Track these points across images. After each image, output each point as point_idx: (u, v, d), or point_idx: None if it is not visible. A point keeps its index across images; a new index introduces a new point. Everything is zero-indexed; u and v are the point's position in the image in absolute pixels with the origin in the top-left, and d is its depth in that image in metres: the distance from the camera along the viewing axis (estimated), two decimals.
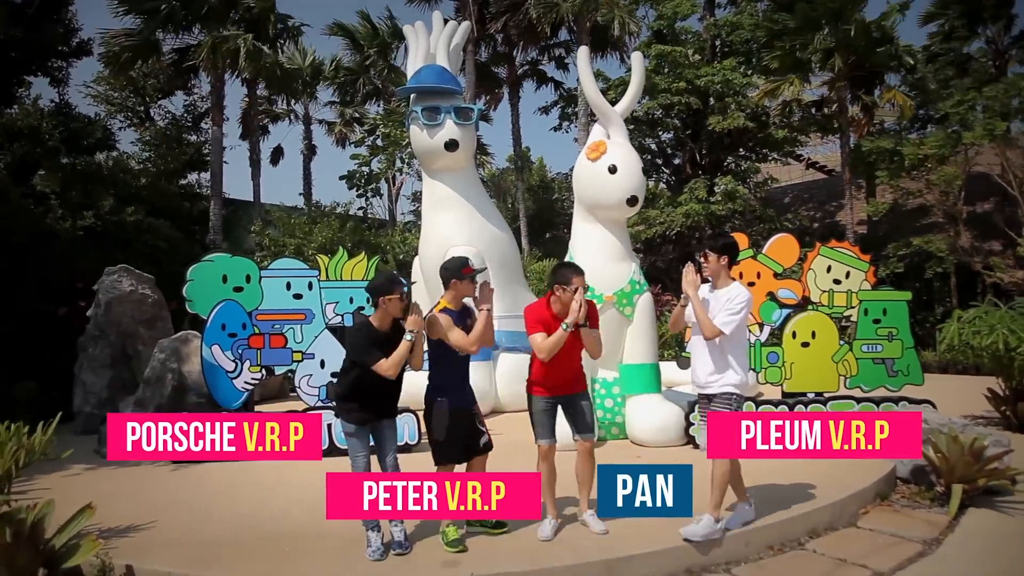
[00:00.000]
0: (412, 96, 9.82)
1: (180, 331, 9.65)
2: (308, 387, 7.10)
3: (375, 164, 19.80)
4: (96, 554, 4.02)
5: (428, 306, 9.91)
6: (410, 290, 4.60)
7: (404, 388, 4.63)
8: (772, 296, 7.61)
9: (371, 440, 4.53)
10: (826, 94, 19.89)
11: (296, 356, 7.07)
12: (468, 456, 4.60)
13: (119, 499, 5.61)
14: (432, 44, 10.06)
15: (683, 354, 8.97)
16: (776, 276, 7.67)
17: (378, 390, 4.43)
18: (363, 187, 20.22)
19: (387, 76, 22.68)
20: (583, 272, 4.63)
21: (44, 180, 14.07)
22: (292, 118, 26.14)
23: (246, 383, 7.04)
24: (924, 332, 15.90)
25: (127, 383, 9.53)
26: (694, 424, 6.82)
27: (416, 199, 23.73)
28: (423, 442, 7.02)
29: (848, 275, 7.66)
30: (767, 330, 7.60)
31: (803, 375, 7.37)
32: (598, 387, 7.39)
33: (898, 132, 20.25)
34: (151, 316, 9.90)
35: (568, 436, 4.79)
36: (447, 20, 10.56)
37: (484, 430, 4.64)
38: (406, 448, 7.03)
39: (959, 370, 13.43)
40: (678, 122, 20.42)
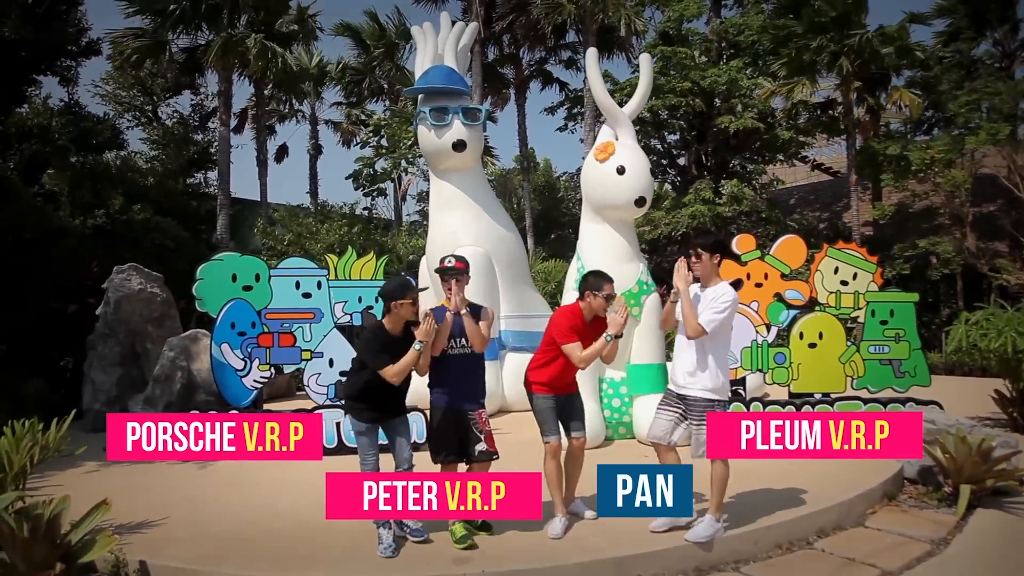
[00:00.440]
0: (420, 96, 9.86)
1: (188, 330, 9.72)
2: (317, 386, 7.14)
3: (381, 164, 19.82)
4: (110, 550, 4.06)
5: (433, 304, 9.97)
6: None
7: (412, 387, 4.67)
8: (779, 297, 7.61)
9: (380, 438, 4.57)
10: (831, 95, 19.86)
11: (305, 355, 7.11)
12: (462, 457, 4.57)
13: (131, 495, 5.65)
14: (440, 45, 10.10)
15: None
16: (783, 277, 7.67)
17: (387, 390, 4.47)
18: (368, 187, 20.25)
19: (394, 76, 22.70)
20: (612, 280, 4.72)
21: (53, 179, 14.15)
22: (299, 118, 26.21)
23: (255, 381, 7.09)
24: (930, 334, 15.86)
25: (136, 381, 9.59)
26: None
27: (422, 199, 23.74)
28: None
29: (855, 276, 7.67)
30: (774, 331, 7.61)
31: (810, 376, 7.39)
32: (605, 387, 7.42)
33: (904, 134, 20.21)
34: (160, 315, 9.96)
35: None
36: (455, 21, 10.61)
37: (481, 437, 4.49)
38: (414, 447, 7.05)
39: (965, 372, 13.39)
40: (684, 123, 20.40)
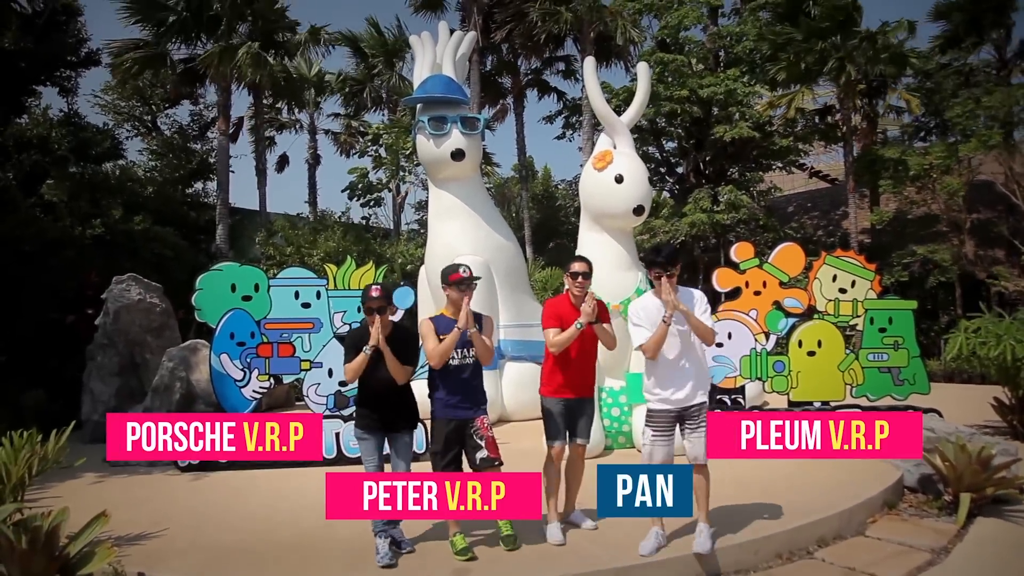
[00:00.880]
0: (419, 106, 9.88)
1: (187, 340, 9.71)
2: (316, 396, 7.14)
3: (378, 174, 19.87)
4: (109, 562, 4.04)
5: (432, 313, 9.94)
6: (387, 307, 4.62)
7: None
8: (778, 305, 7.62)
9: (385, 449, 4.58)
10: (828, 102, 19.94)
11: (304, 365, 7.11)
12: (462, 466, 4.52)
13: (130, 506, 5.63)
14: (438, 54, 10.12)
15: None
16: (782, 285, 7.69)
17: (384, 398, 4.46)
18: (365, 198, 20.29)
19: (393, 85, 22.74)
20: (584, 259, 4.78)
21: (53, 189, 14.17)
22: (297, 128, 26.23)
23: (254, 392, 7.09)
24: (929, 341, 15.86)
25: (135, 391, 9.57)
26: None
27: (421, 208, 23.77)
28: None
29: (854, 284, 7.68)
30: (773, 339, 7.61)
31: (809, 384, 7.39)
32: (605, 396, 7.41)
33: (902, 140, 20.26)
34: (159, 325, 9.95)
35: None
36: (453, 30, 10.64)
37: (482, 445, 4.41)
38: (414, 458, 7.04)
39: (965, 379, 13.40)
40: (682, 131, 20.46)
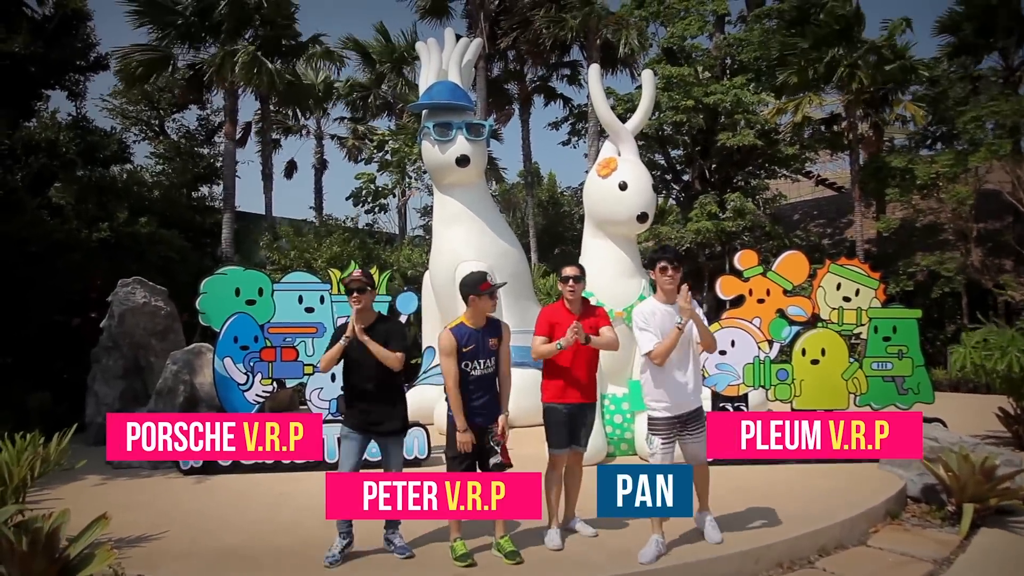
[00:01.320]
0: (424, 112, 9.91)
1: (191, 343, 9.73)
2: (319, 400, 7.15)
3: (384, 179, 19.93)
4: (109, 564, 4.05)
5: (436, 319, 9.96)
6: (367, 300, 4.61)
7: (412, 402, 4.64)
8: (782, 313, 7.60)
9: (366, 453, 4.60)
10: (836, 110, 19.91)
11: (307, 369, 7.12)
12: (475, 470, 4.50)
13: (131, 509, 5.64)
14: (444, 60, 10.16)
15: None
16: (786, 293, 7.66)
17: (370, 395, 4.45)
18: (370, 204, 20.34)
19: (400, 91, 22.82)
20: (576, 264, 4.83)
21: (60, 192, 14.25)
22: (304, 133, 26.33)
23: (257, 395, 7.10)
24: (935, 350, 15.80)
25: (139, 394, 9.60)
26: None
27: (426, 214, 23.80)
28: (433, 456, 7.04)
29: (858, 292, 7.66)
30: (777, 347, 7.59)
31: (813, 392, 7.36)
32: (607, 403, 7.41)
33: (908, 149, 20.23)
34: (164, 328, 9.98)
35: None
36: (459, 37, 10.68)
37: (497, 451, 4.40)
38: (415, 462, 7.05)
39: (970, 389, 13.34)
40: (688, 139, 20.47)
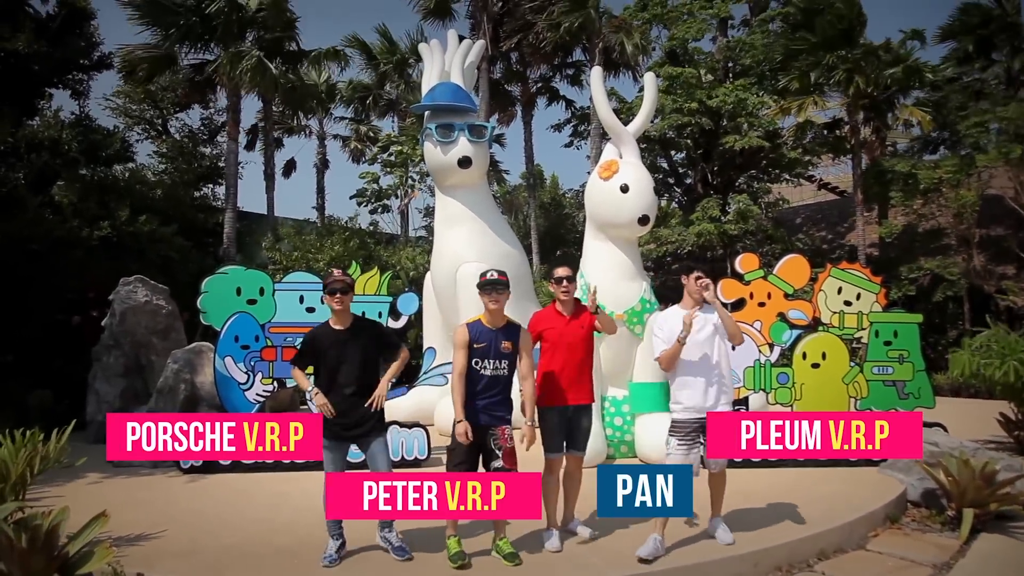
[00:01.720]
0: (426, 113, 9.91)
1: (192, 342, 9.74)
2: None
3: (388, 180, 19.94)
4: (108, 562, 4.05)
5: (437, 320, 9.93)
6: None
7: (413, 403, 4.63)
8: (783, 317, 7.60)
9: (348, 457, 4.63)
10: (839, 114, 19.91)
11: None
12: (476, 470, 4.48)
13: (130, 507, 5.66)
14: (447, 62, 10.16)
15: None
16: (787, 297, 7.67)
17: (348, 403, 4.48)
18: (374, 204, 20.35)
19: (402, 92, 22.84)
20: (566, 265, 4.94)
21: (63, 191, 14.26)
22: (307, 133, 26.35)
23: (258, 395, 7.11)
24: (936, 355, 15.78)
25: (140, 393, 9.61)
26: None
27: (429, 215, 23.80)
28: (433, 457, 7.05)
29: (859, 297, 7.67)
30: (777, 351, 7.58)
31: (813, 396, 7.34)
32: (608, 405, 7.41)
33: (912, 153, 20.21)
34: (165, 327, 9.99)
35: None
36: (462, 38, 10.69)
37: (499, 455, 4.36)
38: (415, 463, 7.05)
39: (971, 393, 13.31)
40: (690, 142, 20.47)
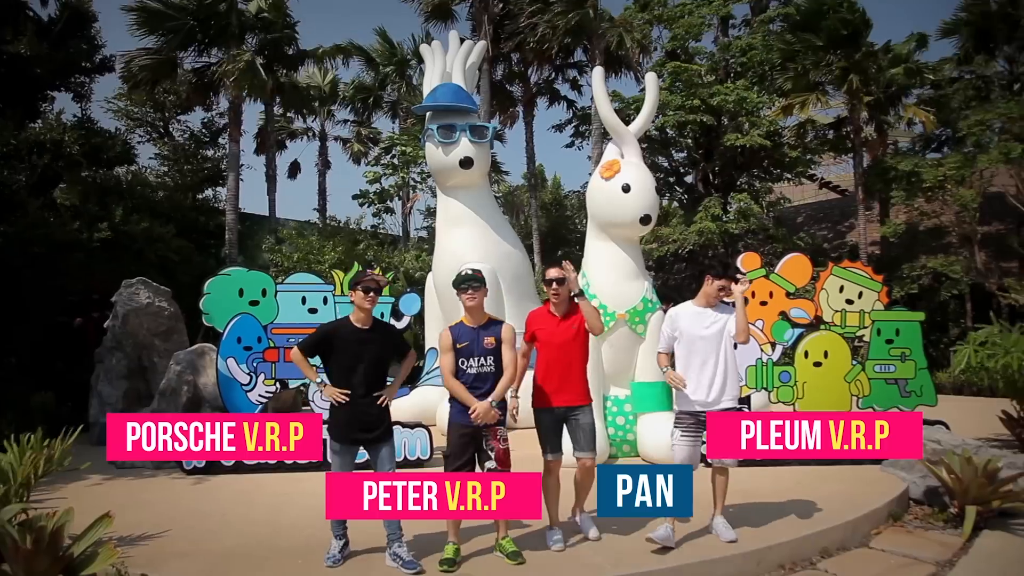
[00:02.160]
0: (428, 114, 9.94)
1: (195, 344, 9.76)
2: (321, 401, 7.12)
3: (390, 181, 19.94)
4: (112, 563, 4.06)
5: (439, 321, 9.98)
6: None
7: (414, 403, 4.63)
8: (784, 315, 7.60)
9: (357, 459, 4.62)
10: (841, 113, 19.90)
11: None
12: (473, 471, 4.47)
13: (134, 509, 5.67)
14: (448, 63, 10.18)
15: None
16: (788, 295, 7.67)
17: (357, 407, 4.41)
18: (376, 204, 20.37)
19: (404, 94, 22.85)
20: (558, 266, 4.86)
21: (65, 193, 14.29)
22: (309, 135, 26.36)
23: (260, 396, 7.13)
24: (938, 353, 15.78)
25: (142, 394, 9.63)
26: None
27: (431, 215, 23.81)
28: (435, 457, 7.05)
29: (861, 295, 7.66)
30: (779, 349, 7.59)
31: (815, 395, 7.34)
32: (609, 404, 7.41)
33: (913, 152, 20.19)
34: (167, 328, 10.00)
35: (570, 452, 4.80)
36: (463, 39, 10.71)
37: (491, 455, 4.37)
38: (418, 463, 7.07)
39: (973, 392, 13.31)
40: (691, 141, 20.47)
